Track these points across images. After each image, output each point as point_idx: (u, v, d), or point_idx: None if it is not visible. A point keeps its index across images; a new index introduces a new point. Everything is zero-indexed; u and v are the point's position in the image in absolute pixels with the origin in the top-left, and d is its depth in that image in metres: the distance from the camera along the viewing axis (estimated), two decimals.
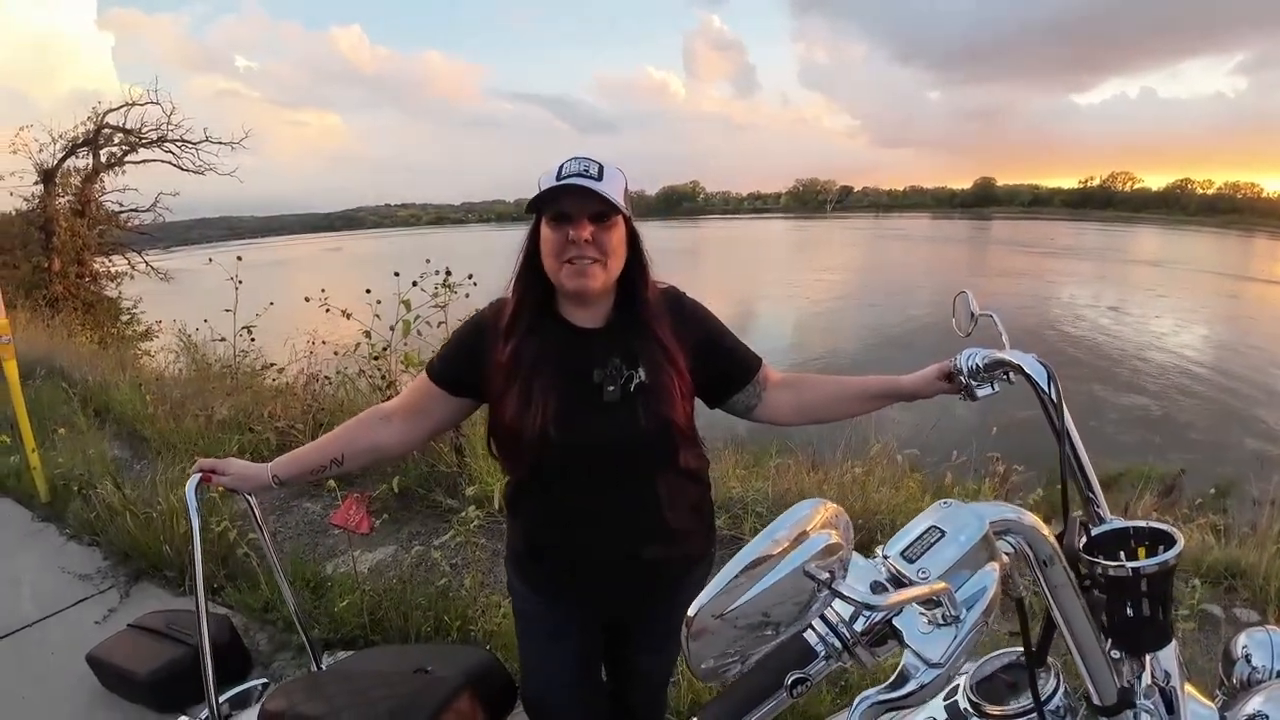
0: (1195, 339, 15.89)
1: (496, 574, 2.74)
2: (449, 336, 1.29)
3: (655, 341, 1.16)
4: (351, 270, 36.51)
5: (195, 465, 1.21)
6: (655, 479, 1.18)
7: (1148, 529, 0.75)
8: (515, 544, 1.31)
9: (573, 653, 1.30)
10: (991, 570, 0.55)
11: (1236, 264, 39.28)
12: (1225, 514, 3.42)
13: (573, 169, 1.07)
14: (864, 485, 3.19)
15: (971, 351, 1.17)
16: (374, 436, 1.26)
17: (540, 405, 1.10)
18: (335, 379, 4.14)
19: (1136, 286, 26.25)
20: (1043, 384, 1.00)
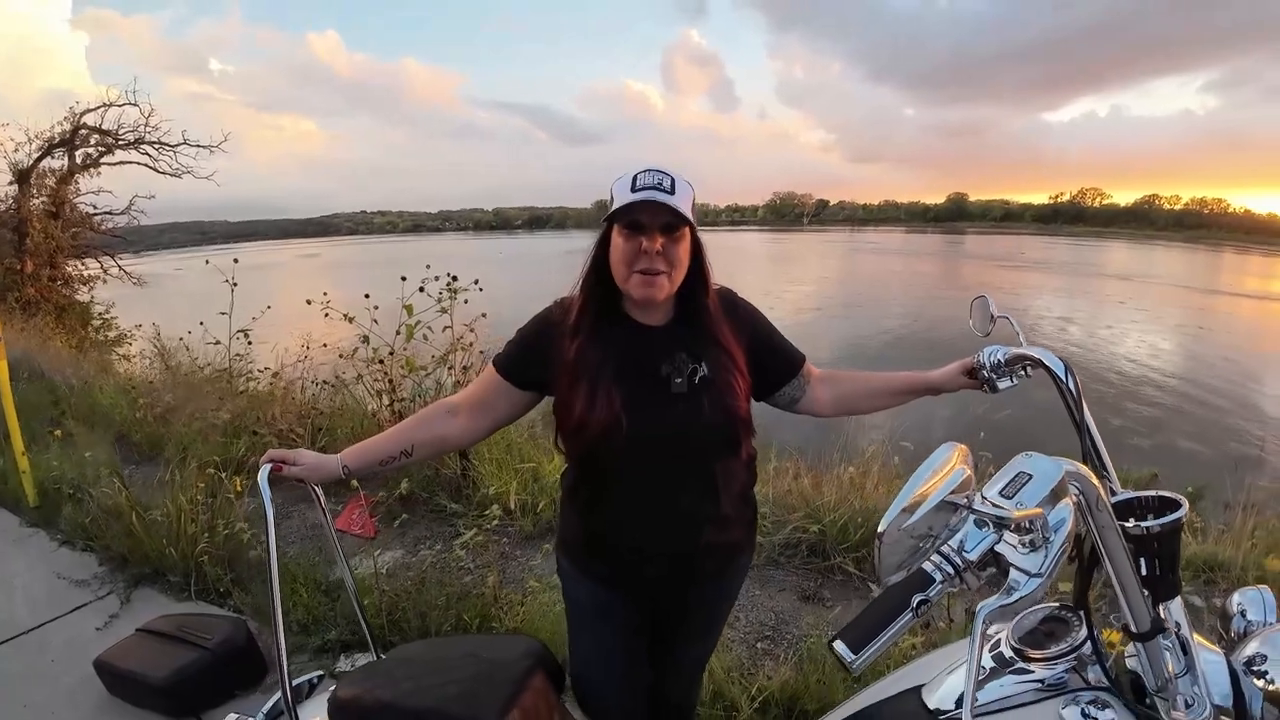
0: (1164, 351, 16.34)
1: (510, 572, 2.77)
2: (516, 333, 1.31)
3: (715, 341, 1.23)
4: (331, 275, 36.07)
5: (266, 455, 1.21)
6: (715, 467, 1.23)
7: (1155, 498, 0.87)
8: (572, 532, 1.35)
9: (622, 639, 1.34)
10: (1067, 504, 0.69)
11: (1205, 278, 40.50)
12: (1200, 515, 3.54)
13: (648, 181, 1.13)
14: (861, 486, 3.28)
15: (993, 348, 1.28)
16: (441, 429, 1.29)
17: (611, 397, 1.16)
18: (333, 383, 4.12)
19: (1106, 299, 26.94)
20: (1061, 376, 1.11)
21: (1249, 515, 3.15)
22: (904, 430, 3.98)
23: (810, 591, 2.71)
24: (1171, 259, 59.26)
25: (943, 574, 0.66)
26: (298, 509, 3.45)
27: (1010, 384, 1.29)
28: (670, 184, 1.14)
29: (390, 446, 1.28)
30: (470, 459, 3.54)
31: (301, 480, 1.25)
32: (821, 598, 2.68)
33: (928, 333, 17.06)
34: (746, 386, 1.25)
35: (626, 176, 1.16)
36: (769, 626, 2.50)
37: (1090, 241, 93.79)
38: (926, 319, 19.66)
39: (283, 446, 3.70)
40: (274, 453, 1.22)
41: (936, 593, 0.66)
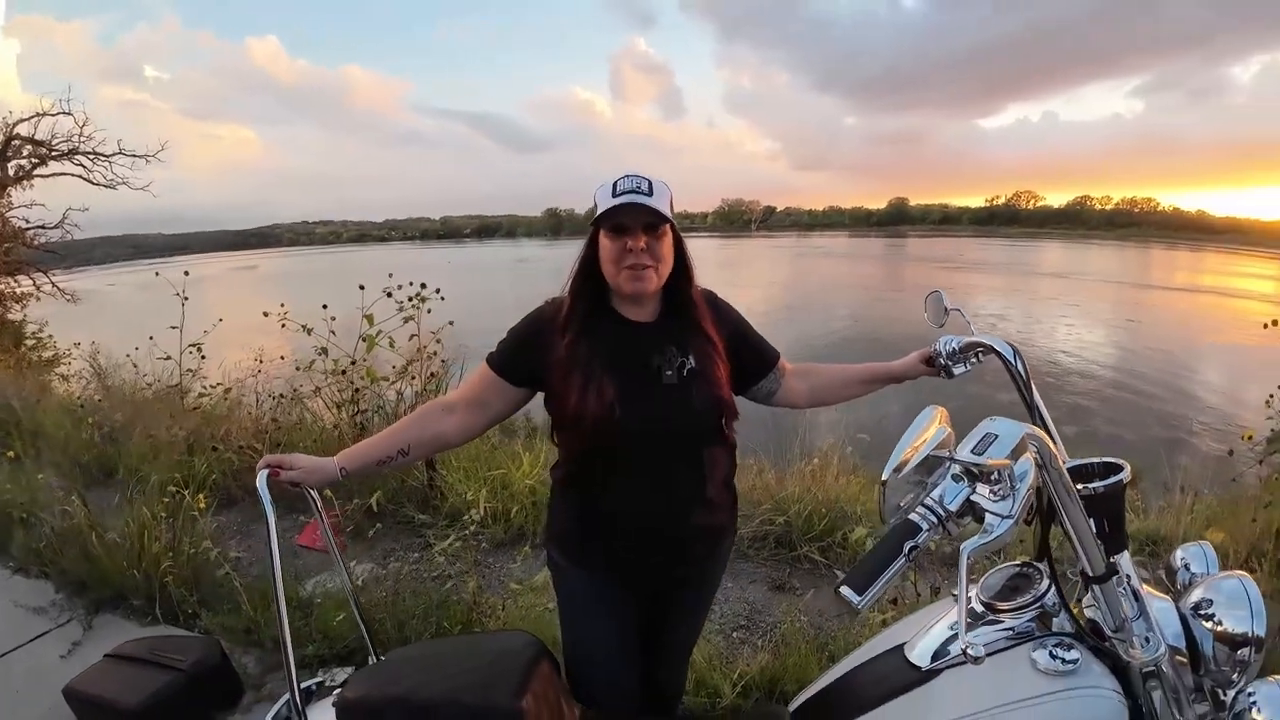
0: (1099, 343, 17.16)
1: (485, 579, 2.77)
2: (508, 332, 1.36)
3: (701, 333, 1.32)
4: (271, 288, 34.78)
5: (262, 461, 1.22)
6: (703, 454, 1.31)
7: (1100, 463, 0.99)
8: (565, 524, 1.39)
9: (616, 626, 1.38)
10: (1028, 459, 0.79)
11: (1135, 274, 42.72)
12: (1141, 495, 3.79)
13: (627, 186, 1.21)
14: (821, 479, 3.41)
15: (948, 338, 1.41)
16: (437, 427, 1.32)
17: (604, 390, 1.22)
18: (289, 397, 4.04)
19: (1040, 297, 28.17)
20: (1011, 359, 1.24)
21: (1187, 493, 3.40)
22: (858, 424, 4.14)
23: (780, 581, 2.81)
24: (1103, 257, 62.36)
25: (928, 523, 0.77)
26: (257, 526, 3.39)
27: (964, 369, 1.42)
28: (648, 187, 1.22)
29: (387, 447, 1.30)
30: (437, 469, 3.52)
31: (297, 484, 1.25)
32: (791, 586, 2.78)
33: (873, 333, 17.57)
34: (728, 374, 1.33)
35: (607, 184, 1.24)
36: (743, 616, 2.59)
37: (1025, 242, 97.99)
38: (871, 320, 20.24)
39: (242, 464, 3.62)
40: (270, 458, 1.23)
41: (924, 539, 0.76)
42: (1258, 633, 0.87)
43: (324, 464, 1.26)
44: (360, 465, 1.29)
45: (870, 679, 1.01)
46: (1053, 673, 0.89)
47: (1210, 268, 50.86)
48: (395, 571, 2.76)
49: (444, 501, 3.36)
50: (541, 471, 3.48)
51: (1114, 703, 0.87)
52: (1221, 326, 19.52)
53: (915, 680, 0.95)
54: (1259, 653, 0.87)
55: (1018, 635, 0.95)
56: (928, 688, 0.94)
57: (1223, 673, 0.89)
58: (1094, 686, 0.88)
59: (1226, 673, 0.89)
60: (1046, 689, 0.87)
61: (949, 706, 0.90)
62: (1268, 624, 0.88)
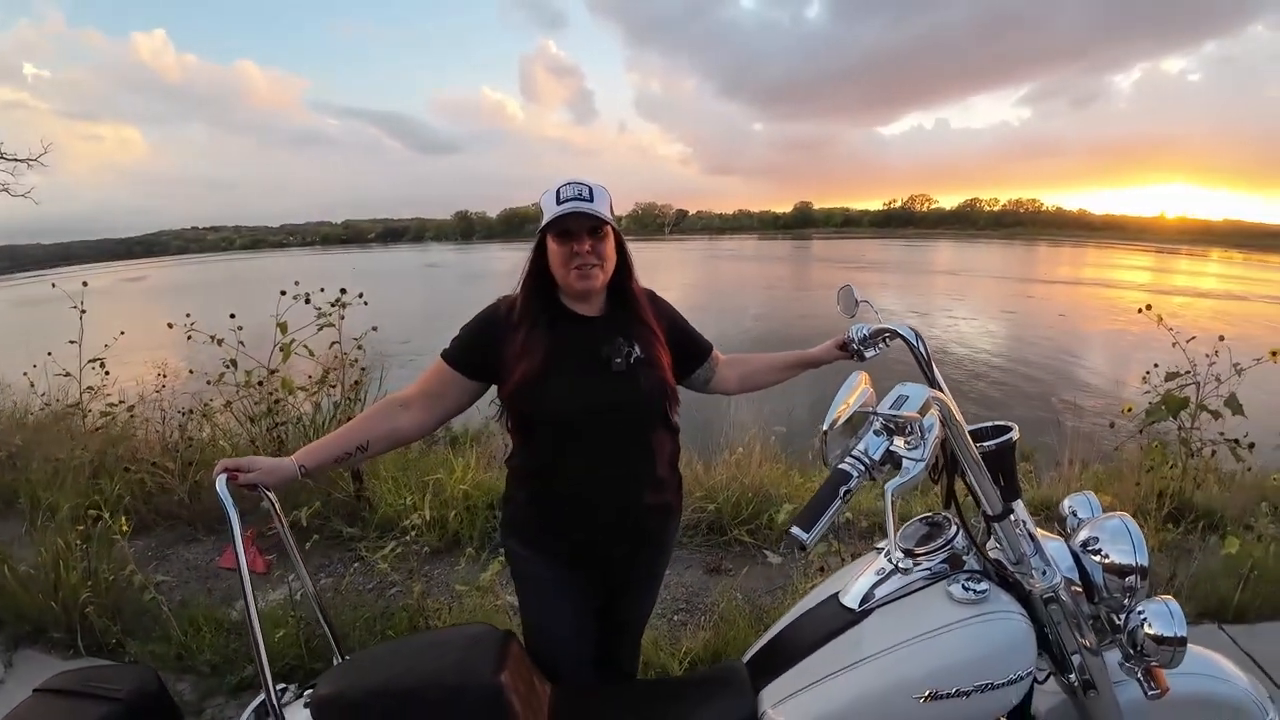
0: (990, 333, 18.44)
1: (429, 585, 2.77)
2: (462, 328, 1.42)
3: (644, 325, 1.43)
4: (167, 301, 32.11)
5: (219, 465, 1.21)
6: (652, 436, 1.41)
7: (991, 426, 1.16)
8: (523, 513, 1.45)
9: (575, 608, 1.45)
10: (934, 415, 0.94)
11: (1022, 269, 46.08)
12: (1034, 466, 4.22)
13: (569, 193, 1.32)
14: (746, 467, 3.59)
15: (859, 326, 1.58)
16: (394, 422, 1.36)
17: (560, 379, 1.31)
18: (200, 411, 3.82)
19: (937, 292, 30.02)
20: (914, 342, 1.42)
21: (1074, 464, 3.80)
22: (774, 417, 4.38)
23: (714, 564, 2.97)
24: (992, 254, 67.03)
25: (857, 470, 0.91)
26: (175, 551, 3.22)
27: (874, 353, 1.60)
28: (589, 193, 1.33)
29: (345, 443, 1.33)
30: (364, 480, 3.45)
31: (256, 486, 1.25)
32: (725, 568, 2.94)
33: (783, 330, 18.25)
34: (670, 363, 1.45)
35: (551, 190, 1.35)
36: (683, 600, 2.72)
37: (921, 242, 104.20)
38: (781, 318, 21.00)
39: (155, 483, 3.42)
40: (226, 462, 1.22)
41: (855, 483, 0.90)
42: (1141, 562, 1.05)
43: (282, 464, 1.27)
44: (319, 462, 1.30)
45: (810, 625, 1.13)
46: (967, 602, 1.04)
47: (1091, 261, 55.90)
48: (330, 586, 2.71)
49: (373, 513, 3.30)
50: (476, 475, 3.49)
51: (1022, 624, 1.04)
52: (1100, 314, 21.43)
53: (850, 621, 1.09)
54: (1144, 580, 1.05)
55: (933, 575, 1.10)
56: (860, 626, 1.07)
57: (1115, 599, 1.07)
58: (1004, 611, 1.04)
59: (1118, 599, 1.07)
60: (963, 615, 1.03)
61: (881, 639, 1.04)
62: (1149, 555, 1.06)
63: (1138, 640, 1.03)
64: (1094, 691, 1.10)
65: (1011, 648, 1.02)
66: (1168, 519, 2.96)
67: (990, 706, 1.00)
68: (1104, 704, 1.11)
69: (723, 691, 1.11)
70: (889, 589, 1.10)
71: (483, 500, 3.34)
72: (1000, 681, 1.00)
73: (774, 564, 2.99)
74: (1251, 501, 3.12)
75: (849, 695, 1.00)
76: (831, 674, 1.03)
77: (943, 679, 0.99)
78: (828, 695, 1.02)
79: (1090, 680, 1.10)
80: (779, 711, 1.04)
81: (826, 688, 1.02)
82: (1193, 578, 2.59)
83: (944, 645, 1.01)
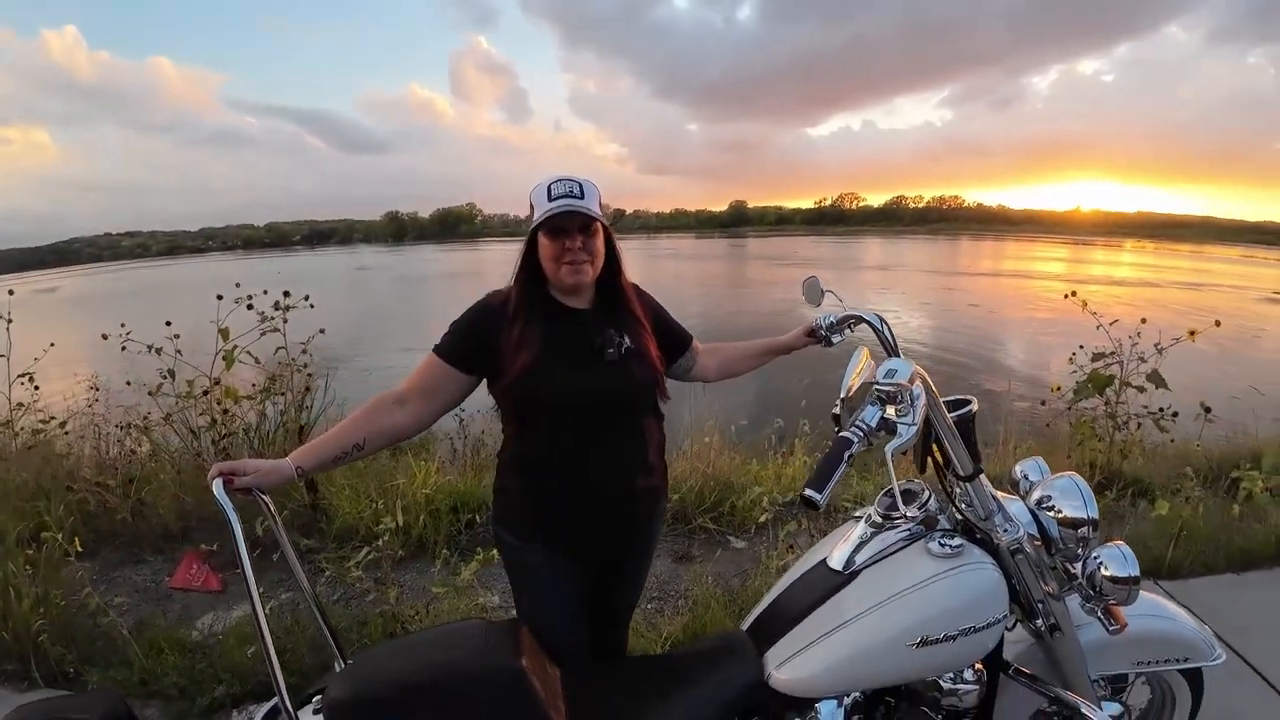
0: (919, 323, 19.23)
1: (405, 586, 2.74)
2: (453, 324, 1.43)
3: (633, 316, 1.49)
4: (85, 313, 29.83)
5: (214, 469, 1.18)
6: (642, 422, 1.47)
7: (954, 400, 1.25)
8: (516, 503, 1.47)
9: (571, 594, 1.48)
10: (920, 385, 1.03)
11: (946, 263, 48.14)
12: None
13: (560, 190, 1.36)
14: (707, 458, 3.69)
15: (827, 314, 1.67)
16: (391, 420, 1.36)
17: (558, 369, 1.35)
18: (139, 426, 3.64)
19: (869, 286, 31.08)
20: (879, 327, 1.53)
21: (1009, 441, 4.05)
22: (728, 409, 4.50)
23: (682, 552, 3.05)
24: (918, 249, 69.89)
25: (858, 436, 0.99)
26: (121, 573, 3.06)
27: (841, 338, 1.70)
28: (580, 190, 1.37)
29: (342, 442, 1.32)
30: (319, 489, 3.36)
31: (251, 489, 1.22)
32: (692, 556, 3.02)
33: (723, 325, 18.58)
34: (658, 352, 1.51)
35: (542, 187, 1.38)
36: (654, 588, 2.77)
37: (850, 239, 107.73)
38: (719, 315, 21.36)
39: (98, 503, 3.25)
40: (221, 465, 1.20)
41: (856, 449, 0.98)
42: (1091, 515, 1.18)
43: (278, 465, 1.26)
44: (316, 462, 1.30)
45: (803, 590, 1.22)
46: (944, 556, 1.15)
47: (1011, 254, 59.03)
48: (293, 602, 2.63)
49: (331, 523, 3.21)
50: (437, 479, 3.46)
51: (994, 573, 1.15)
52: (1024, 303, 22.58)
53: (840, 583, 1.17)
54: (1095, 530, 1.18)
55: (912, 536, 1.21)
56: (851, 586, 1.16)
57: (1070, 549, 1.20)
58: (978, 562, 1.15)
59: (1073, 549, 1.20)
60: (944, 568, 1.13)
61: (872, 595, 1.13)
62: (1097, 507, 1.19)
63: (1096, 582, 1.15)
64: (1059, 633, 1.23)
65: (988, 594, 1.14)
66: (1099, 488, 3.22)
67: (973, 649, 1.11)
68: (1068, 644, 1.24)
69: (730, 658, 1.17)
70: (873, 551, 1.20)
71: (446, 504, 3.30)
72: (980, 625, 1.11)
73: (739, 548, 3.10)
74: (1175, 469, 3.41)
75: (848, 649, 1.09)
76: (829, 631, 1.11)
77: (931, 626, 1.09)
78: (828, 651, 1.10)
79: (1056, 624, 1.22)
80: (783, 671, 1.12)
81: (827, 644, 1.10)
82: (1126, 539, 2.82)
83: (929, 595, 1.11)
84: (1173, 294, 24.10)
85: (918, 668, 1.11)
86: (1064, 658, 1.26)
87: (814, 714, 1.09)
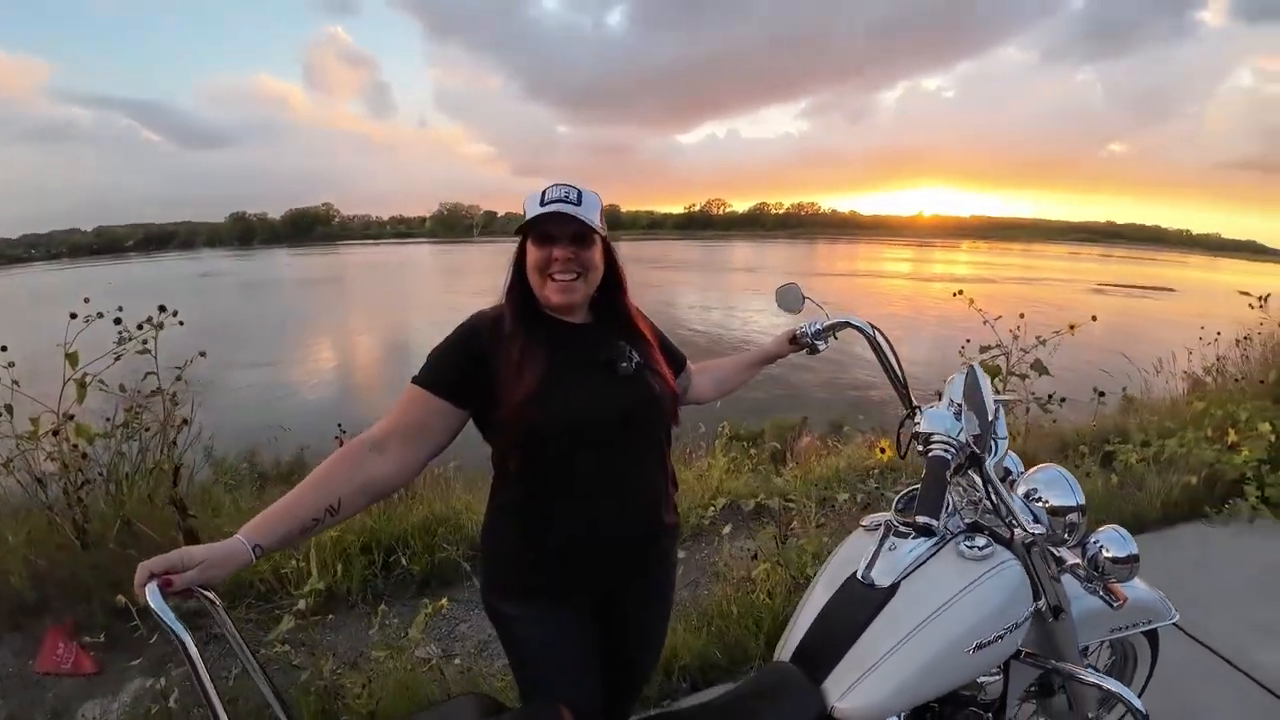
0: (784, 322, 20.27)
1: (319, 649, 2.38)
2: (435, 351, 1.23)
3: (637, 331, 1.37)
4: None
5: (142, 573, 0.89)
6: (660, 444, 1.35)
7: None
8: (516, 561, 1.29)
9: (588, 661, 1.33)
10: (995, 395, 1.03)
11: (807, 265, 51.35)
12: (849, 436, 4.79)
13: (555, 195, 1.22)
14: None
15: (811, 320, 1.66)
16: (369, 471, 1.10)
17: (568, 387, 1.21)
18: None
19: (738, 288, 32.45)
20: (869, 332, 1.53)
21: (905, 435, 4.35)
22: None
23: None
24: (781, 252, 74.28)
25: (950, 454, 1.01)
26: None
27: (825, 345, 1.68)
28: (577, 196, 1.23)
29: (310, 506, 1.04)
30: (199, 538, 2.89)
31: (200, 587, 0.92)
32: None
33: None
34: (669, 370, 1.40)
35: (537, 193, 1.24)
36: None
37: (719, 243, 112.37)
38: None
39: None
40: (150, 564, 0.89)
41: (953, 465, 0.99)
42: (1079, 502, 1.22)
43: (228, 549, 0.95)
44: (280, 537, 1.01)
45: (843, 611, 1.17)
46: (976, 559, 1.16)
47: (863, 256, 64.21)
48: (182, 678, 2.19)
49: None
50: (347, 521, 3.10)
51: (1021, 569, 1.18)
52: (884, 300, 24.43)
53: (883, 599, 1.14)
54: (1084, 515, 1.23)
55: (939, 541, 1.21)
56: (895, 601, 1.14)
57: (1060, 537, 1.24)
58: (1008, 560, 1.18)
59: (1061, 535, 1.24)
60: (981, 571, 1.14)
61: (920, 608, 1.11)
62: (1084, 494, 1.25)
63: (1099, 563, 1.21)
64: (1063, 614, 1.28)
65: (1021, 589, 1.17)
66: None
67: (1016, 640, 1.15)
68: (1066, 622, 1.31)
69: (787, 695, 1.10)
70: (907, 561, 1.18)
71: (356, 544, 2.95)
72: (1021, 619, 1.14)
73: (680, 558, 3.07)
74: (1058, 448, 3.79)
75: (914, 664, 1.07)
76: (887, 653, 1.08)
77: (983, 629, 1.10)
78: (891, 673, 1.07)
79: (1059, 605, 1.27)
80: (847, 700, 1.07)
81: (888, 667, 1.07)
82: None
83: (976, 599, 1.11)
84: (1010, 289, 27.14)
85: (976, 670, 1.12)
86: (1060, 635, 1.31)
87: None
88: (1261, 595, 2.73)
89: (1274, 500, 3.32)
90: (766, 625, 2.35)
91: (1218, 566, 2.95)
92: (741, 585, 2.57)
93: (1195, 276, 50.98)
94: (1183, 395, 4.98)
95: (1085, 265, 49.27)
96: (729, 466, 3.94)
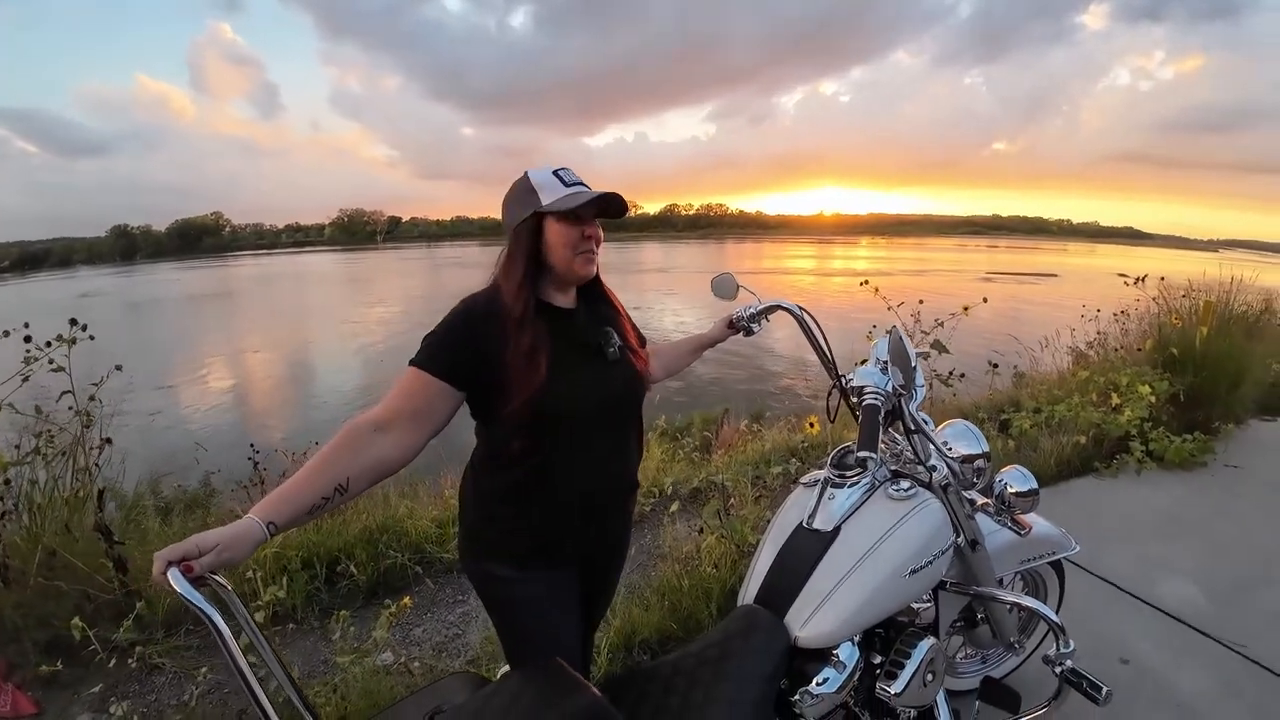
0: (696, 322, 20.77)
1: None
2: (432, 335, 1.27)
3: (617, 312, 1.49)
4: None
5: (160, 562, 0.91)
6: (639, 420, 1.49)
7: None
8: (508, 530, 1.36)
9: (573, 615, 1.45)
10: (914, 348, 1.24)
11: (718, 264, 52.51)
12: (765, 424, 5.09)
13: (572, 177, 1.32)
14: None
15: (745, 306, 1.84)
16: (374, 451, 1.14)
17: (574, 374, 1.30)
18: None
19: (651, 288, 32.88)
20: (798, 314, 1.72)
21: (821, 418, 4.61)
22: None
23: None
24: (692, 252, 75.88)
25: (881, 399, 1.21)
26: None
27: (759, 327, 1.87)
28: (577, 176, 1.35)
29: (320, 485, 1.07)
30: (129, 567, 2.74)
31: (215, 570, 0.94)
32: None
33: None
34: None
35: (545, 171, 1.33)
36: None
37: (630, 244, 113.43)
38: None
39: None
40: (166, 553, 0.92)
41: (884, 409, 1.18)
42: (985, 449, 1.47)
43: (241, 529, 0.98)
44: (292, 514, 1.03)
45: (796, 554, 1.34)
46: (903, 498, 1.37)
47: (769, 254, 66.50)
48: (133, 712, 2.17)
49: (152, 608, 2.63)
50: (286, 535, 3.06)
51: (940, 507, 1.40)
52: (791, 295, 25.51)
53: (829, 540, 1.33)
54: (989, 461, 1.46)
55: (870, 488, 1.41)
56: (840, 541, 1.32)
57: (969, 481, 1.48)
58: (928, 499, 1.39)
59: (971, 479, 1.48)
60: (908, 509, 1.35)
61: (862, 544, 1.30)
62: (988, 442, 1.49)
63: (1005, 498, 1.45)
64: (979, 546, 1.51)
65: (942, 523, 1.38)
66: None
67: (942, 566, 1.36)
68: (982, 554, 1.54)
69: (758, 631, 1.23)
70: (845, 507, 1.37)
71: (296, 558, 2.92)
72: (945, 547, 1.35)
73: None
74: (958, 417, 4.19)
75: (860, 591, 1.25)
76: (836, 585, 1.25)
77: (914, 557, 1.30)
78: (842, 602, 1.24)
79: (975, 539, 1.50)
80: (807, 629, 1.23)
81: (839, 597, 1.24)
82: None
83: (906, 532, 1.31)
84: (903, 280, 28.90)
85: (912, 594, 1.31)
86: (979, 565, 1.55)
87: (835, 658, 1.22)
88: (1156, 535, 3.08)
89: (1158, 453, 3.77)
90: (715, 595, 2.53)
91: (1112, 513, 3.31)
92: (689, 561, 2.74)
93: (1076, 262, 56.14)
94: (1068, 368, 5.45)
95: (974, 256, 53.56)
96: (663, 457, 4.13)
